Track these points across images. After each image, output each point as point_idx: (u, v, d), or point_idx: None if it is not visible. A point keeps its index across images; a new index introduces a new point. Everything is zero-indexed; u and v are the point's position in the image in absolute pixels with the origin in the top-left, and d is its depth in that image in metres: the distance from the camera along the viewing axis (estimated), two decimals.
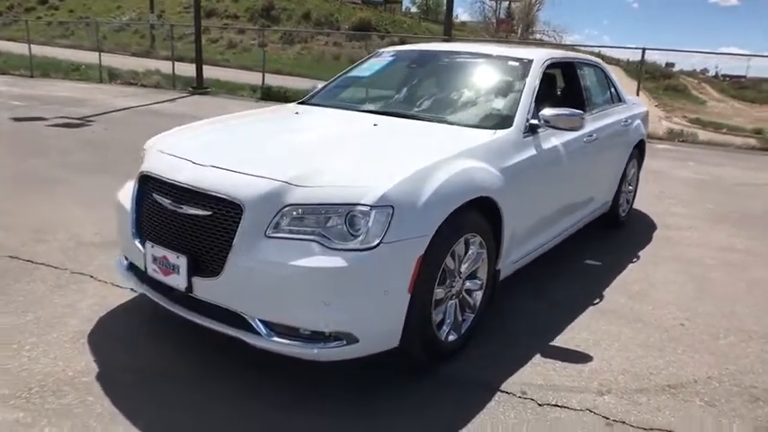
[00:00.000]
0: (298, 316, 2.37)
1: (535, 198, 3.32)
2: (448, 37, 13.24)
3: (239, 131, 3.32)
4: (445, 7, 14.88)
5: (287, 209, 2.37)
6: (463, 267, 2.80)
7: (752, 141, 11.59)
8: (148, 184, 2.75)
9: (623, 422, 2.51)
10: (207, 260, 2.46)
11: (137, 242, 2.76)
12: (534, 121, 3.33)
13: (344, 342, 2.37)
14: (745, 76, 65.44)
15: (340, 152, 2.83)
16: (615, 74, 5.33)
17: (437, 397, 2.61)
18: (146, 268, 2.69)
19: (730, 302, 3.81)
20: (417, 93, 3.83)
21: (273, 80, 15.88)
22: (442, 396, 2.62)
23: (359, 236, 2.32)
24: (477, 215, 2.77)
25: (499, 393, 2.66)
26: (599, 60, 5.11)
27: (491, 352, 3.00)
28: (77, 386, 2.51)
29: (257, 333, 2.42)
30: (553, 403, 2.62)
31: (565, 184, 3.75)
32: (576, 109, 3.41)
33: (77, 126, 9.16)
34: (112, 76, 16.56)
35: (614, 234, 5.08)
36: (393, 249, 2.34)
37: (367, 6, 42.86)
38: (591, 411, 2.58)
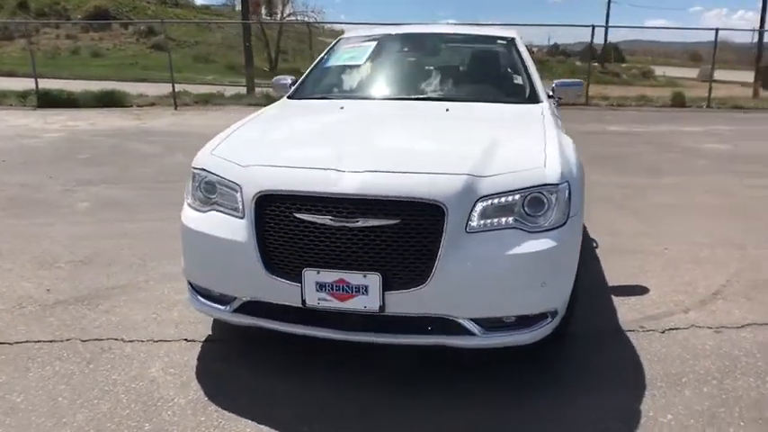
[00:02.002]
0: (512, 304, 2.35)
1: None
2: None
3: (320, 134, 3.03)
4: None
5: (480, 201, 2.30)
6: None
7: None
8: (280, 205, 2.34)
9: (723, 327, 3.08)
10: (405, 271, 2.26)
11: (271, 276, 2.35)
12: (550, 93, 3.66)
13: (549, 319, 2.44)
14: None
15: (466, 140, 2.78)
16: None
17: (581, 347, 2.85)
18: (303, 301, 2.33)
19: None
20: (442, 76, 3.81)
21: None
22: (586, 346, 2.87)
23: (551, 215, 2.38)
24: None
25: (627, 333, 3.00)
26: None
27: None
28: None
29: (469, 334, 2.33)
30: (669, 328, 3.06)
31: None
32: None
33: None
34: None
35: None
36: (575, 222, 2.46)
37: None
38: (695, 326, 3.09)
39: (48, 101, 12.09)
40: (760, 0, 19.85)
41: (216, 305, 2.60)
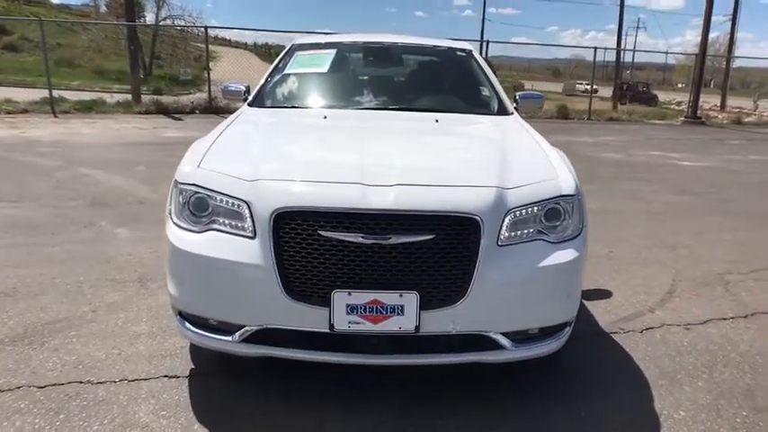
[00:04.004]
0: (540, 316, 2.34)
1: None
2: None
3: (322, 145, 2.85)
4: None
5: (509, 214, 2.28)
6: None
7: None
8: (302, 223, 2.14)
9: (690, 324, 3.31)
10: (441, 288, 2.16)
11: (292, 300, 2.15)
12: (515, 105, 3.75)
13: (568, 328, 2.47)
14: None
15: (476, 152, 2.79)
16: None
17: (581, 351, 2.93)
18: (332, 326, 2.15)
19: None
20: (416, 87, 3.72)
21: None
22: (584, 350, 2.95)
23: (568, 225, 2.41)
24: None
25: (611, 335, 3.13)
26: None
27: None
28: None
29: (500, 348, 2.29)
30: (645, 328, 3.23)
31: None
32: None
33: None
34: None
35: None
36: (587, 232, 2.53)
37: None
38: (666, 325, 3.29)
39: None
40: (614, 22, 22.06)
41: (216, 335, 2.34)
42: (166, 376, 2.62)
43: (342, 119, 3.20)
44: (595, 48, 16.77)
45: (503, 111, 3.58)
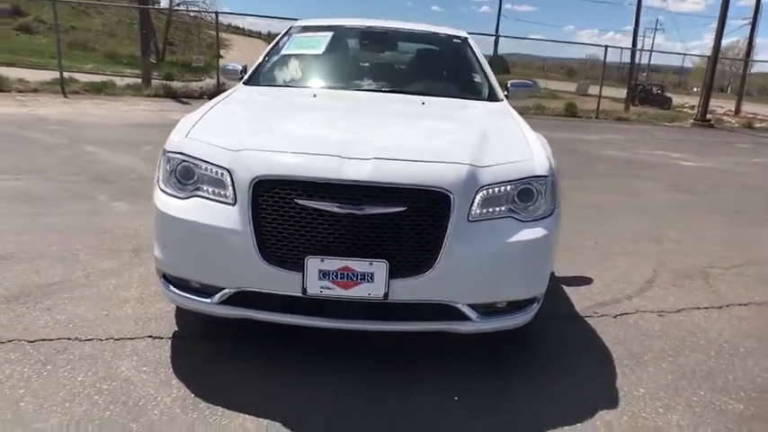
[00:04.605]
0: (508, 290, 2.44)
1: None
2: None
3: (306, 121, 2.94)
4: None
5: (481, 191, 2.36)
6: None
7: None
8: (280, 191, 2.25)
9: (664, 311, 3.39)
10: (410, 258, 2.26)
11: (268, 264, 2.26)
12: (506, 93, 3.83)
13: (536, 304, 2.56)
14: None
15: (457, 132, 2.88)
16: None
17: (554, 331, 3.02)
18: (304, 290, 2.26)
19: None
20: (407, 71, 3.84)
21: None
22: (557, 330, 3.04)
23: (540, 205, 2.49)
24: None
25: (584, 319, 3.22)
26: None
27: None
28: None
29: (467, 319, 2.39)
30: (619, 313, 3.32)
31: None
32: None
33: None
34: None
35: None
36: (558, 213, 2.61)
37: None
38: (641, 311, 3.37)
39: None
40: (632, 23, 21.96)
41: (196, 297, 2.45)
42: (151, 336, 2.74)
43: (330, 98, 3.31)
44: (606, 46, 16.74)
45: (493, 97, 3.67)
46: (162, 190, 2.51)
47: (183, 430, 2.10)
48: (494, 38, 16.59)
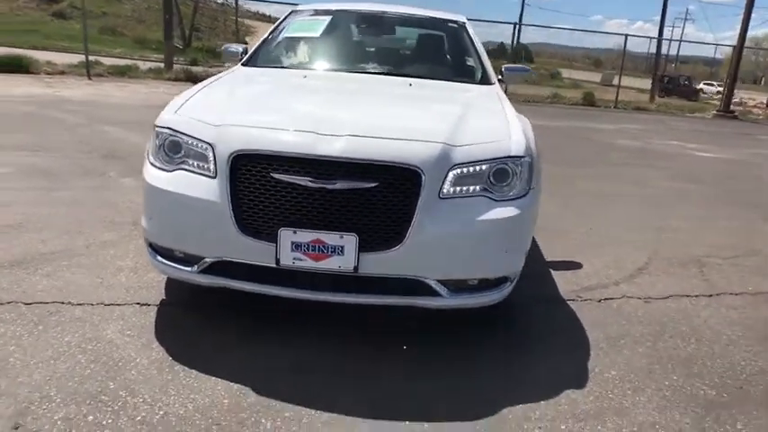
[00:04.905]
0: (478, 267, 2.48)
1: None
2: None
3: (291, 99, 3.02)
4: None
5: (453, 169, 2.41)
6: None
7: None
8: (257, 165, 2.33)
9: (650, 297, 3.39)
10: (380, 233, 2.32)
11: (244, 235, 2.34)
12: (500, 77, 3.85)
13: (509, 283, 2.60)
14: None
15: (436, 112, 2.91)
16: None
17: (535, 313, 3.05)
18: (278, 261, 2.34)
19: None
20: (399, 54, 3.89)
21: None
22: (538, 312, 3.08)
23: (515, 185, 2.52)
24: None
25: (566, 303, 3.24)
26: None
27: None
28: None
29: (437, 295, 2.44)
30: (604, 298, 3.33)
31: None
32: None
33: None
34: None
35: None
36: (535, 194, 2.62)
37: None
38: (627, 297, 3.38)
39: None
40: (659, 13, 21.48)
41: (179, 266, 2.55)
42: (138, 303, 2.86)
43: (320, 79, 3.38)
44: (626, 35, 16.50)
45: (485, 81, 3.69)
46: (151, 163, 2.62)
47: (156, 389, 2.20)
48: (513, 26, 16.27)
